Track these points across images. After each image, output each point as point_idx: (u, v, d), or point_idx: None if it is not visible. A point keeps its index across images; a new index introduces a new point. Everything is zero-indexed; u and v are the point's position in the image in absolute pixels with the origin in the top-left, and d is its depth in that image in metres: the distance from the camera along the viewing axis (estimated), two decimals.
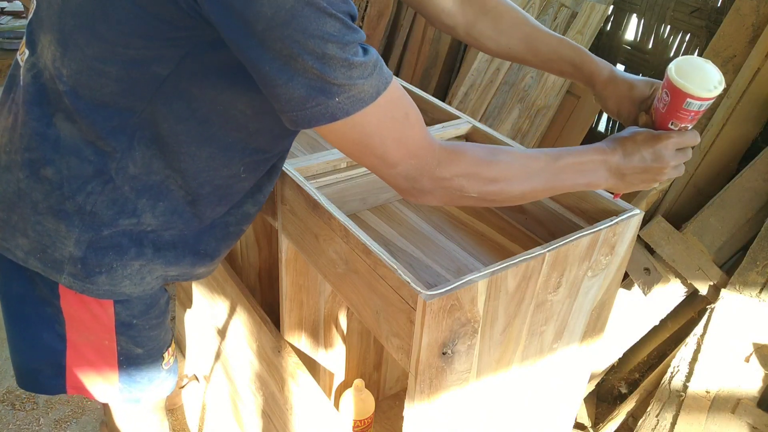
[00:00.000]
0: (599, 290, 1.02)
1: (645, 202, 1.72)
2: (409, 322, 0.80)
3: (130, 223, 0.87)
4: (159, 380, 1.08)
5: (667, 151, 0.85)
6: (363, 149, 0.74)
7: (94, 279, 0.90)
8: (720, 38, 1.74)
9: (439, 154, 0.77)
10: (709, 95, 0.79)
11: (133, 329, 0.99)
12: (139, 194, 0.86)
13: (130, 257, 0.90)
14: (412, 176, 0.77)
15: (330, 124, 0.69)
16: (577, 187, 0.86)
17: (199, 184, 0.89)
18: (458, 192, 0.79)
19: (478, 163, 0.80)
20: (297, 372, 1.15)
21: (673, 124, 0.84)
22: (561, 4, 2.14)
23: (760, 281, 1.49)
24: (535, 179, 0.83)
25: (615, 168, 0.85)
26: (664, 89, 0.83)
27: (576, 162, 0.84)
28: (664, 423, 1.55)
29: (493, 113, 2.23)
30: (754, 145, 1.73)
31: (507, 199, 0.84)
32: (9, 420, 1.80)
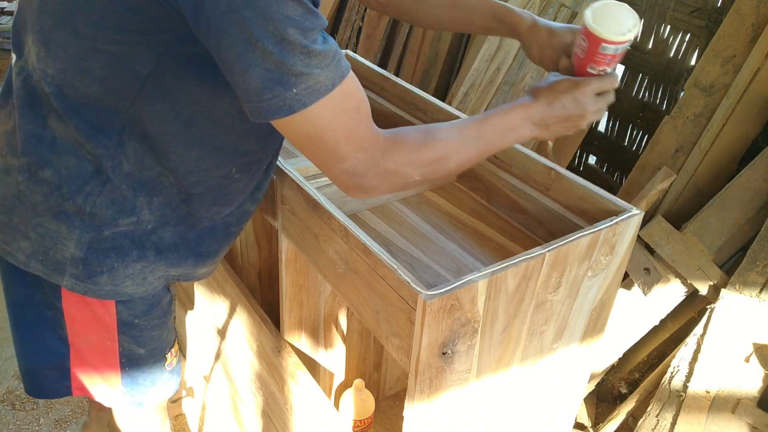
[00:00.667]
0: (599, 290, 1.02)
1: (645, 202, 1.72)
2: (409, 322, 0.80)
3: (129, 222, 0.87)
4: (161, 382, 1.08)
5: (586, 97, 0.87)
6: (316, 143, 0.73)
7: (96, 279, 0.90)
8: (720, 38, 1.74)
9: (384, 145, 0.78)
10: (623, 39, 0.81)
11: (135, 329, 0.99)
12: (137, 192, 0.86)
13: (132, 259, 0.90)
14: (359, 171, 0.77)
15: (287, 118, 0.69)
16: (507, 145, 0.89)
17: (191, 184, 0.88)
18: (402, 180, 0.81)
19: (417, 148, 0.80)
20: (297, 372, 1.15)
21: (592, 68, 0.86)
22: (561, 4, 2.14)
23: (760, 281, 1.49)
24: (469, 149, 0.85)
25: (539, 119, 0.88)
26: (581, 35, 0.85)
27: (502, 122, 0.87)
28: (664, 423, 1.55)
29: None
30: (754, 145, 1.73)
31: (445, 175, 0.86)
32: (9, 420, 1.80)
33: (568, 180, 1.06)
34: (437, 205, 1.21)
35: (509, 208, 1.17)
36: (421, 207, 1.20)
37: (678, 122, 1.81)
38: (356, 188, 0.79)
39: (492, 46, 2.28)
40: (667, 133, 1.83)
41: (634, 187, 1.88)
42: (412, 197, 1.23)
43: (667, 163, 1.80)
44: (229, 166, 0.90)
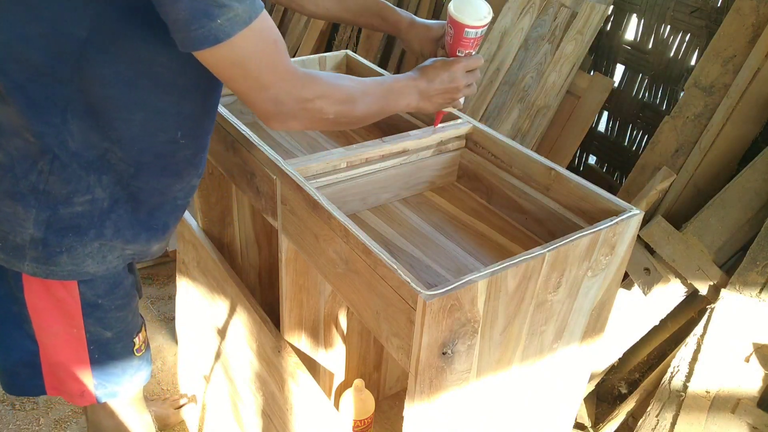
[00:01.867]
0: (599, 290, 1.02)
1: (645, 202, 1.72)
2: (409, 322, 0.80)
3: (84, 201, 0.90)
4: (132, 369, 1.09)
5: (459, 73, 1.03)
6: (241, 72, 0.80)
7: (56, 260, 0.92)
8: (720, 38, 1.74)
9: (302, 77, 0.85)
10: (480, 23, 0.99)
11: (100, 310, 1.00)
12: (88, 171, 0.88)
13: (90, 238, 0.92)
14: (281, 100, 0.84)
15: (213, 48, 0.75)
16: (398, 109, 1.00)
17: (139, 152, 0.90)
18: (318, 114, 0.88)
19: (330, 85, 0.89)
20: (297, 372, 1.15)
21: (460, 51, 1.04)
22: (561, 4, 2.14)
23: (760, 281, 1.49)
24: (371, 101, 0.95)
25: (423, 91, 1.02)
26: (448, 25, 1.02)
27: (396, 86, 0.99)
28: (664, 423, 1.55)
29: (493, 113, 2.23)
30: (754, 145, 1.73)
31: (354, 120, 0.95)
32: (9, 420, 1.80)
33: (568, 180, 1.06)
34: (437, 205, 1.21)
35: (509, 208, 1.17)
36: (421, 207, 1.20)
37: (678, 122, 1.81)
38: (278, 116, 0.86)
39: (492, 46, 2.28)
40: (667, 133, 1.83)
41: (634, 187, 1.88)
42: (412, 197, 1.23)
43: (667, 163, 1.80)
44: (174, 129, 0.92)
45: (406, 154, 1.18)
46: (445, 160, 1.24)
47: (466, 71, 1.05)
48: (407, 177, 1.20)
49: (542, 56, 2.15)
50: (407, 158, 1.18)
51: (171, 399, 1.82)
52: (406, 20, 1.16)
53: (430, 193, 1.24)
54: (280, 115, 0.86)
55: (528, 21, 2.21)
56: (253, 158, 1.12)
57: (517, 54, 2.22)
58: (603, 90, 2.08)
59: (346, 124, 0.95)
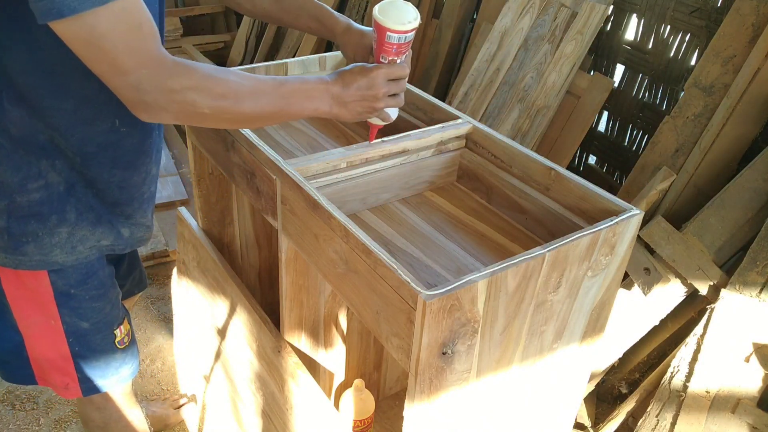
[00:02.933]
0: (599, 290, 1.02)
1: (645, 202, 1.72)
2: (409, 322, 0.80)
3: (38, 186, 0.90)
4: (116, 363, 1.09)
5: (378, 79, 0.96)
6: (95, 52, 0.75)
7: (23, 249, 0.93)
8: (720, 38, 1.74)
9: (171, 66, 0.80)
10: (403, 28, 0.92)
11: (73, 299, 1.01)
12: (38, 156, 0.89)
13: (53, 224, 0.93)
14: (144, 88, 0.79)
15: (61, 21, 0.71)
16: (306, 112, 0.94)
17: (80, 142, 0.90)
18: (191, 107, 0.82)
19: (207, 77, 0.83)
20: (297, 372, 1.15)
21: (383, 57, 0.97)
22: (561, 4, 2.14)
23: (760, 281, 1.49)
24: (264, 100, 0.88)
25: (337, 96, 0.95)
26: (373, 29, 0.96)
27: (302, 88, 0.92)
28: (664, 423, 1.55)
29: (493, 113, 2.23)
30: (754, 145, 1.73)
31: (240, 119, 0.88)
32: (9, 420, 1.80)
33: (568, 180, 1.06)
34: (437, 205, 1.21)
35: (509, 208, 1.17)
36: (421, 207, 1.20)
37: (678, 122, 1.81)
38: (142, 105, 0.80)
39: (492, 46, 2.28)
40: (667, 133, 1.83)
41: (634, 187, 1.88)
42: (412, 197, 1.23)
43: (667, 163, 1.81)
44: (111, 117, 0.92)
45: (406, 154, 1.18)
46: (445, 160, 1.24)
47: (388, 79, 0.97)
48: (407, 177, 1.20)
49: (542, 56, 2.15)
50: (407, 158, 1.18)
51: (171, 399, 1.82)
52: (343, 25, 1.12)
53: (430, 193, 1.24)
54: (143, 104, 0.80)
55: (528, 21, 2.21)
56: (253, 158, 1.12)
57: (517, 54, 2.22)
58: (603, 90, 2.08)
59: (231, 121, 0.89)
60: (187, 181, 2.87)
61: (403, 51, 0.97)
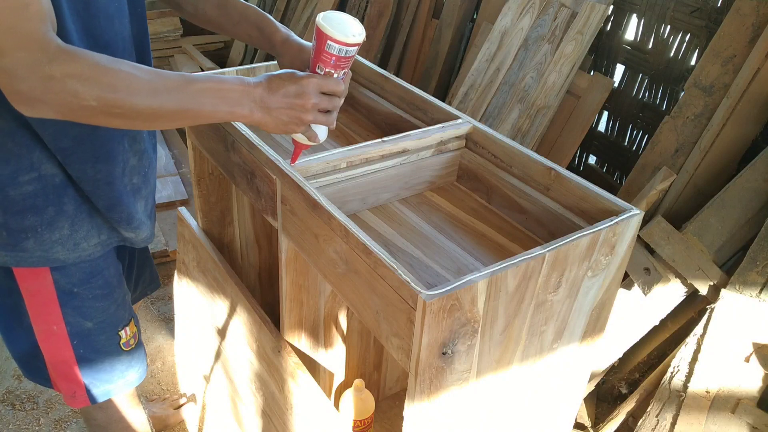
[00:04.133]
0: (599, 290, 1.02)
1: (645, 202, 1.72)
2: (409, 322, 0.80)
3: (31, 179, 0.88)
4: (122, 366, 1.08)
5: (309, 88, 0.88)
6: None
7: (23, 245, 0.92)
8: (720, 38, 1.74)
9: (54, 51, 0.73)
10: (346, 40, 0.87)
11: (76, 298, 0.99)
12: (29, 148, 0.87)
13: (50, 216, 0.91)
14: (19, 74, 0.71)
15: None
16: (220, 115, 0.85)
17: (54, 137, 0.87)
18: (73, 98, 0.74)
19: (95, 66, 0.75)
20: (297, 372, 1.15)
21: (319, 68, 0.90)
22: (561, 4, 2.14)
23: (760, 281, 1.49)
24: (166, 96, 0.80)
25: (260, 100, 0.87)
26: (314, 36, 0.90)
27: (215, 87, 0.84)
28: (664, 423, 1.55)
29: (493, 113, 2.23)
30: (754, 145, 1.73)
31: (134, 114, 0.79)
32: (9, 420, 1.80)
33: (568, 180, 1.06)
34: (437, 205, 1.21)
35: (509, 208, 1.17)
36: (421, 207, 1.20)
37: (678, 122, 1.81)
38: (16, 94, 0.73)
39: (492, 46, 2.28)
40: (667, 133, 1.83)
41: (634, 187, 1.88)
42: (412, 197, 1.23)
43: (667, 163, 1.81)
44: None
45: (406, 154, 1.18)
46: (445, 160, 1.24)
47: (321, 91, 0.89)
48: (407, 177, 1.20)
49: (542, 56, 2.15)
50: (407, 158, 1.18)
51: (171, 399, 1.82)
52: (282, 35, 1.07)
53: (430, 193, 1.24)
54: (19, 92, 0.72)
55: (528, 21, 2.21)
56: (253, 158, 1.12)
57: (517, 54, 2.22)
58: (603, 90, 2.08)
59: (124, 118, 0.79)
60: (187, 181, 2.87)
61: (342, 66, 0.91)
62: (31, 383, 1.91)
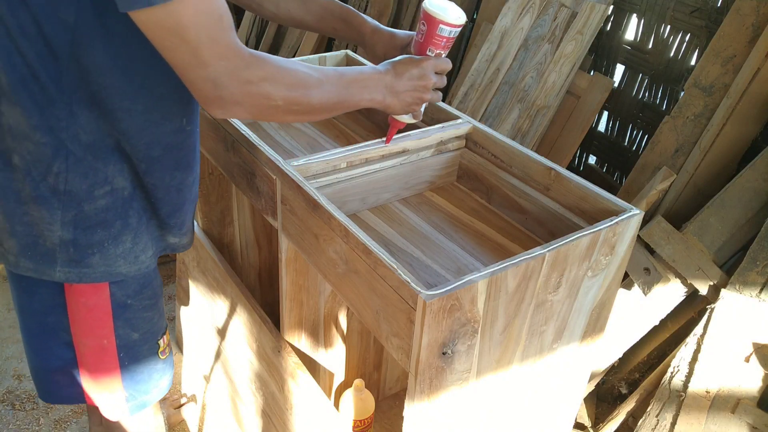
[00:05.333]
0: (599, 290, 1.02)
1: (645, 202, 1.72)
2: (409, 322, 0.80)
3: (105, 192, 0.88)
4: (157, 374, 1.08)
5: (429, 69, 0.98)
6: (178, 41, 0.74)
7: (88, 261, 0.90)
8: (720, 38, 1.74)
9: (248, 58, 0.79)
10: (456, 22, 0.97)
11: (129, 310, 0.99)
12: (105, 161, 0.86)
13: (117, 231, 0.91)
14: (222, 82, 0.77)
15: (147, 9, 0.71)
16: (362, 103, 0.94)
17: (147, 146, 0.88)
18: (265, 99, 0.81)
19: (280, 68, 0.83)
20: (297, 372, 1.15)
21: (430, 50, 1.00)
22: (561, 4, 2.14)
23: (760, 281, 1.49)
24: (329, 89, 0.88)
25: (390, 86, 0.96)
26: (422, 21, 0.99)
27: (360, 78, 0.93)
28: (664, 423, 1.55)
29: (493, 113, 2.23)
30: (754, 145, 1.73)
31: (307, 110, 0.87)
32: (9, 420, 1.80)
33: (568, 180, 1.06)
34: (437, 205, 1.21)
35: (509, 208, 1.17)
36: (421, 207, 1.20)
37: (678, 122, 1.81)
38: (218, 101, 0.79)
39: (492, 46, 2.28)
40: (667, 133, 1.83)
41: (634, 187, 1.88)
42: (412, 197, 1.23)
43: (667, 163, 1.81)
44: (179, 117, 0.90)
45: (406, 154, 1.18)
46: (445, 160, 1.24)
47: (435, 71, 0.99)
48: (407, 177, 1.20)
49: (542, 56, 2.15)
50: (407, 158, 1.18)
51: (171, 399, 1.82)
52: (371, 26, 1.12)
53: (430, 193, 1.24)
54: (220, 99, 0.79)
55: (528, 21, 2.21)
56: (253, 158, 1.12)
57: (517, 54, 2.22)
58: (603, 90, 2.08)
59: (299, 113, 0.87)
60: None
61: (449, 47, 1.01)
62: (31, 383, 1.91)
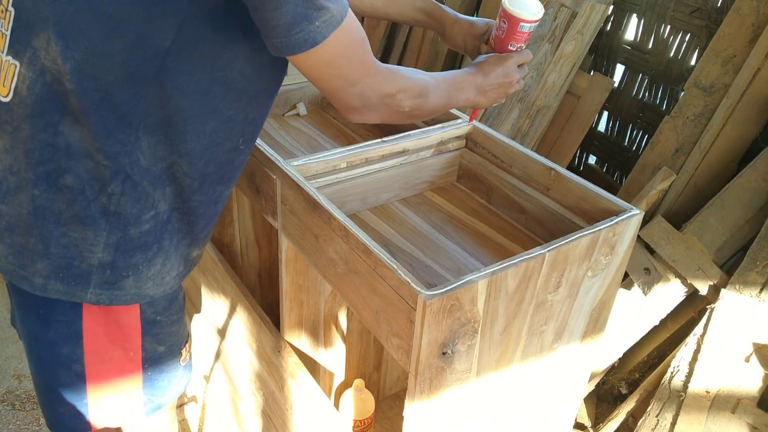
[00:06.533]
0: (599, 290, 1.02)
1: (645, 202, 1.72)
2: (409, 322, 0.80)
3: (150, 217, 0.88)
4: (176, 379, 1.08)
5: (512, 68, 1.05)
6: (333, 71, 0.82)
7: (121, 284, 0.90)
8: (720, 38, 1.74)
9: (386, 72, 0.87)
10: (535, 18, 1.02)
11: (157, 326, 0.99)
12: (155, 186, 0.86)
13: (153, 253, 0.91)
14: (366, 95, 0.85)
15: (311, 50, 0.76)
16: (459, 103, 1.01)
17: (205, 164, 0.90)
18: (397, 107, 0.90)
19: (409, 79, 0.91)
20: (297, 372, 1.15)
21: (512, 45, 1.05)
22: (561, 4, 2.14)
23: (760, 281, 1.49)
24: (440, 94, 0.96)
25: (479, 86, 1.03)
26: (501, 19, 1.04)
27: (457, 81, 1.00)
28: (664, 423, 1.55)
29: (493, 113, 2.23)
30: (754, 145, 1.73)
31: (424, 113, 0.95)
32: (9, 420, 1.80)
33: (568, 180, 1.06)
34: (437, 205, 1.21)
35: (509, 208, 1.17)
36: (421, 207, 1.20)
37: (678, 122, 1.81)
38: (361, 110, 0.87)
39: None
40: (667, 133, 1.83)
41: (634, 187, 1.88)
42: (412, 197, 1.23)
43: (667, 163, 1.80)
44: (238, 136, 0.92)
45: (406, 154, 1.18)
46: (445, 160, 1.24)
47: (518, 65, 1.06)
48: (407, 177, 1.20)
49: (542, 56, 2.15)
50: (407, 158, 1.18)
51: None
52: (451, 17, 1.18)
53: (430, 193, 1.24)
54: (363, 108, 0.87)
55: None
56: (253, 158, 1.12)
57: None
58: (603, 90, 2.08)
59: (416, 116, 0.95)
60: None
61: (529, 39, 1.06)
62: (31, 383, 1.90)
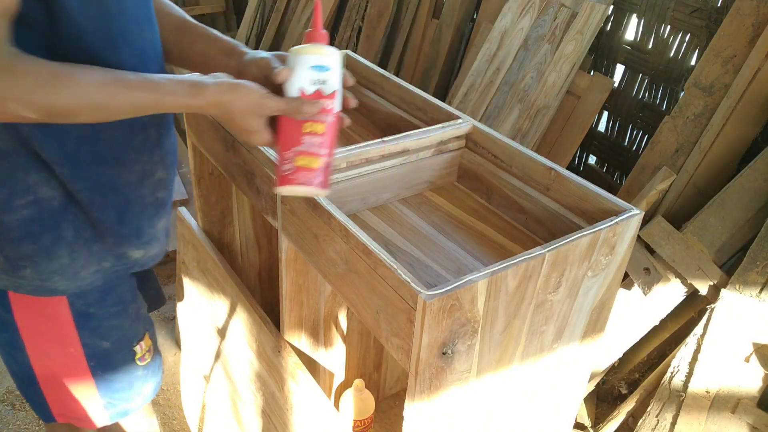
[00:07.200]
0: (599, 290, 1.02)
1: (645, 202, 1.72)
2: (409, 322, 0.80)
3: (27, 203, 0.83)
4: (139, 381, 1.05)
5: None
6: None
7: (20, 273, 0.87)
8: (720, 38, 1.75)
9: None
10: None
11: (93, 319, 0.96)
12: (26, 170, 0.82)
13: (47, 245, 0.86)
14: None
15: None
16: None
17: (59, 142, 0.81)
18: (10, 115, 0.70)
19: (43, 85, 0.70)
20: (297, 372, 1.15)
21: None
22: (561, 4, 2.14)
23: (760, 281, 1.49)
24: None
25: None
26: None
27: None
28: (664, 423, 1.55)
29: (493, 113, 2.23)
30: (754, 145, 1.73)
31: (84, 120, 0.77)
32: (9, 420, 1.80)
33: (568, 180, 1.06)
34: (437, 205, 1.21)
35: (509, 208, 1.17)
36: (421, 207, 1.20)
37: (678, 122, 1.81)
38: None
39: (492, 46, 2.28)
40: (667, 133, 1.83)
41: (634, 187, 1.88)
42: (412, 197, 1.23)
43: (667, 163, 1.81)
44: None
45: (406, 154, 1.18)
46: (445, 160, 1.24)
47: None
48: (407, 177, 1.20)
49: (542, 56, 2.15)
50: (407, 158, 1.18)
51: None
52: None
53: (430, 193, 1.24)
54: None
55: (528, 21, 2.21)
56: (253, 158, 1.12)
57: (517, 54, 2.22)
58: (603, 90, 2.08)
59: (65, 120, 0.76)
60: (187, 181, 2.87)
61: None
62: None
